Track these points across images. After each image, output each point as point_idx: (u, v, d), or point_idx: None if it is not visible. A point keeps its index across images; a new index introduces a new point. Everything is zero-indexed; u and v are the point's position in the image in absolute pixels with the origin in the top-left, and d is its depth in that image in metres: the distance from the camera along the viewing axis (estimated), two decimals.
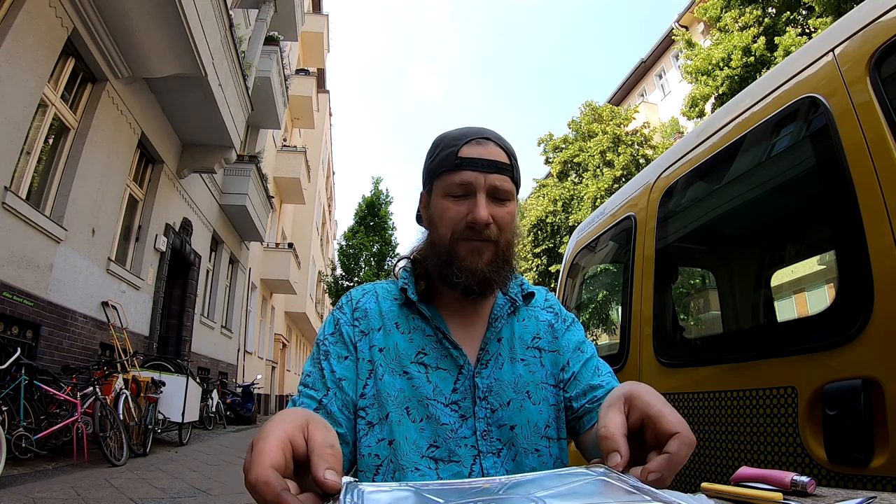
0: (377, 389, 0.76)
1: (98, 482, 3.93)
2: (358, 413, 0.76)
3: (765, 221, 1.94)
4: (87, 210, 5.74)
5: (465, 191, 0.77)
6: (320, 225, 24.19)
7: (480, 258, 0.77)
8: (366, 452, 0.74)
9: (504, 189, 0.78)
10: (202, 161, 8.24)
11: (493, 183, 0.76)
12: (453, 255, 0.77)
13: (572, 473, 0.47)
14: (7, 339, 4.48)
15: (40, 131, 5.07)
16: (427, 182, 0.84)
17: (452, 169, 0.77)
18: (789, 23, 10.21)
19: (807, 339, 1.24)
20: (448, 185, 0.78)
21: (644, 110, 18.51)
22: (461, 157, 0.77)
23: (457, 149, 0.78)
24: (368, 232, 17.90)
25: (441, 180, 0.79)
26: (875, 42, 1.13)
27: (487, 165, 0.77)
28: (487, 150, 0.78)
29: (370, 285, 0.89)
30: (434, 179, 0.81)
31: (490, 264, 0.77)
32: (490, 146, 0.79)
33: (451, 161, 0.77)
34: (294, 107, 15.63)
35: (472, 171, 0.76)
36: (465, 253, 0.77)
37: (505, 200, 0.78)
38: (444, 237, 0.78)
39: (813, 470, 1.09)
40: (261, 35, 9.54)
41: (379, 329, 0.81)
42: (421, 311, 0.81)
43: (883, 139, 1.07)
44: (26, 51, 4.47)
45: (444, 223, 0.78)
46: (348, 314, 0.83)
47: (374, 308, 0.83)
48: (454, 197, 0.78)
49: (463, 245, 0.77)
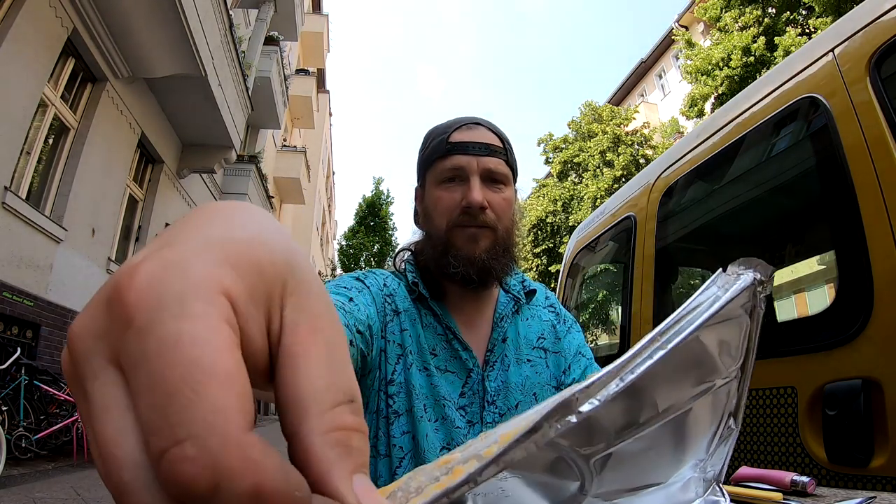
0: (405, 378, 0.72)
1: (98, 482, 3.92)
2: (387, 393, 0.71)
3: (765, 221, 1.94)
4: (87, 210, 5.74)
5: (457, 175, 0.75)
6: (320, 225, 24.18)
7: (477, 245, 0.74)
8: (395, 444, 0.71)
9: (499, 172, 0.76)
10: (202, 161, 8.23)
11: (486, 166, 0.75)
12: (449, 245, 0.74)
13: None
14: (7, 339, 4.47)
15: (40, 131, 5.06)
16: (420, 175, 0.83)
17: (443, 155, 0.76)
18: (789, 23, 10.21)
19: (807, 339, 1.24)
20: (440, 172, 0.76)
21: (644, 110, 18.50)
22: (451, 143, 0.76)
23: (447, 135, 0.77)
24: (369, 232, 17.90)
25: (433, 169, 0.78)
26: (875, 42, 1.13)
27: (479, 148, 0.75)
28: (479, 134, 0.77)
29: (382, 271, 0.84)
30: (426, 170, 0.80)
31: (488, 251, 0.74)
32: (481, 130, 0.77)
33: (443, 147, 0.76)
34: (294, 107, 15.62)
35: (463, 154, 0.75)
36: (462, 241, 0.74)
37: (500, 184, 0.76)
38: (439, 227, 0.76)
39: (813, 470, 1.09)
40: (261, 35, 9.53)
41: (406, 311, 0.77)
42: (432, 308, 0.78)
43: (883, 139, 1.07)
44: (26, 51, 4.47)
45: (439, 212, 0.76)
46: (380, 282, 0.78)
47: (402, 293, 0.79)
48: (447, 183, 0.76)
49: (459, 233, 0.74)
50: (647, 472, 0.33)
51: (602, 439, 0.30)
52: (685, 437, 0.32)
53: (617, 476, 0.31)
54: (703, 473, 0.33)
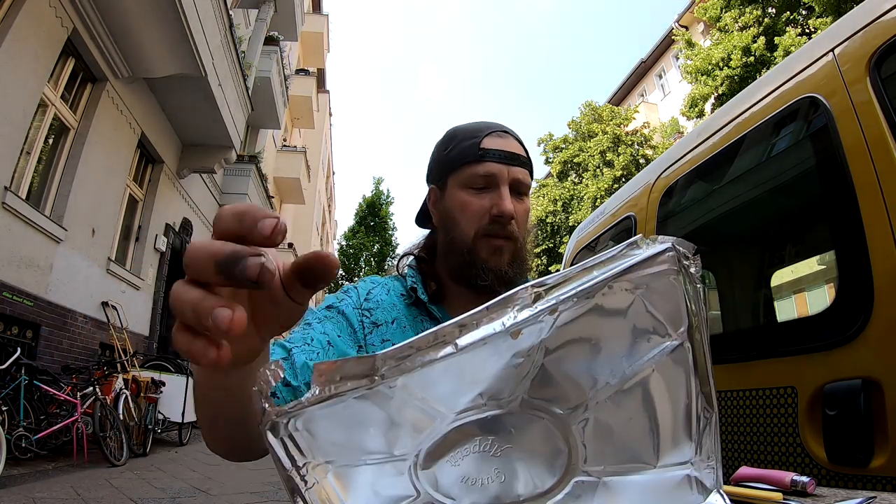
0: None
1: (98, 482, 3.92)
2: None
3: (765, 221, 1.94)
4: (87, 210, 5.74)
5: (487, 182, 0.74)
6: (320, 225, 24.17)
7: (502, 258, 0.74)
8: None
9: (525, 183, 0.76)
10: (202, 161, 8.24)
11: (515, 176, 0.75)
12: (475, 256, 0.73)
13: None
14: (7, 339, 4.48)
15: (40, 131, 5.07)
16: (441, 176, 0.80)
17: (476, 160, 0.75)
18: (789, 23, 10.21)
19: (807, 339, 1.24)
20: (470, 177, 0.75)
21: (644, 110, 18.50)
22: (484, 148, 0.75)
23: (479, 140, 0.76)
24: (369, 232, 17.93)
25: (461, 172, 0.76)
26: (875, 42, 1.13)
27: (511, 158, 0.75)
28: (509, 143, 0.77)
29: (377, 278, 0.84)
30: (451, 172, 0.78)
31: (511, 264, 0.74)
32: (510, 140, 0.78)
33: (475, 152, 0.75)
34: (294, 107, 15.62)
35: (496, 162, 0.74)
36: (487, 254, 0.73)
37: (523, 195, 0.77)
38: (466, 234, 0.74)
39: (813, 470, 1.09)
40: (261, 35, 9.54)
41: (392, 322, 0.75)
42: (431, 313, 0.77)
43: (883, 139, 1.07)
44: (26, 51, 4.47)
45: (467, 217, 0.75)
46: (355, 299, 0.77)
47: (387, 300, 0.78)
48: (475, 189, 0.75)
49: (484, 245, 0.74)
50: (632, 448, 0.34)
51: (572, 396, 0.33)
52: (655, 407, 0.34)
53: (605, 448, 0.34)
54: (700, 472, 0.34)
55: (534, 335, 0.31)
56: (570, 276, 0.31)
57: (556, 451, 0.33)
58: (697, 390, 0.34)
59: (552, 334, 0.31)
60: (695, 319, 0.34)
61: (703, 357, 0.34)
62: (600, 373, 0.33)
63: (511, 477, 0.32)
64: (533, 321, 0.31)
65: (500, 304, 0.31)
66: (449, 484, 0.32)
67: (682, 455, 0.34)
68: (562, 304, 0.31)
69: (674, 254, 0.33)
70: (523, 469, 0.33)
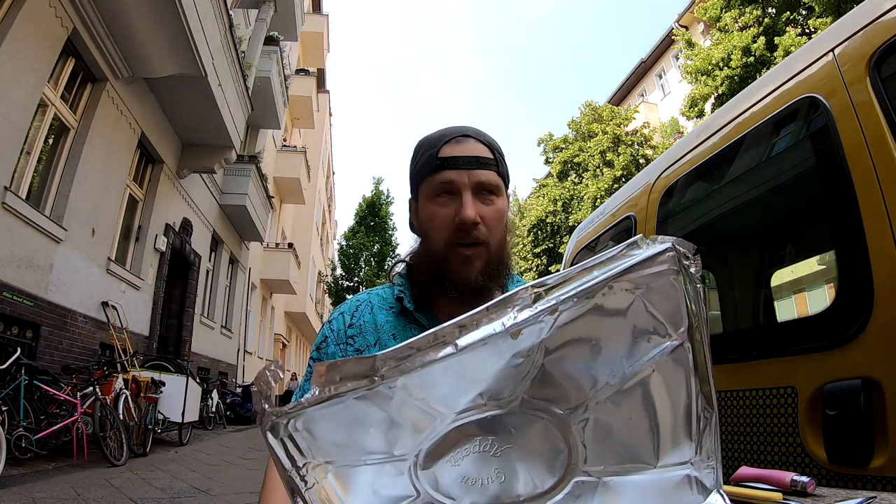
0: None
1: (98, 482, 3.92)
2: None
3: (765, 221, 1.94)
4: (87, 210, 5.74)
5: (448, 190, 0.75)
6: (320, 225, 24.18)
7: (472, 267, 0.74)
8: None
9: (490, 183, 0.76)
10: (202, 161, 8.24)
11: (477, 179, 0.75)
12: (446, 266, 0.75)
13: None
14: (7, 339, 4.47)
15: (40, 131, 5.06)
16: (413, 188, 0.83)
17: (434, 170, 0.76)
18: (789, 23, 10.21)
19: (807, 339, 1.24)
20: (432, 188, 0.77)
21: (644, 110, 18.50)
22: (441, 157, 0.76)
23: (437, 150, 0.77)
24: (369, 232, 17.90)
25: (425, 184, 0.78)
26: (875, 42, 1.13)
27: (469, 162, 0.75)
28: (468, 148, 0.77)
29: (364, 294, 0.86)
30: (419, 185, 0.80)
31: (483, 272, 0.75)
32: (470, 143, 0.78)
33: (433, 163, 0.76)
34: (294, 107, 15.62)
35: (453, 169, 0.75)
36: (457, 265, 0.74)
37: (492, 195, 0.77)
38: (437, 245, 0.76)
39: (813, 470, 1.09)
40: (261, 35, 9.53)
41: (375, 344, 0.78)
42: (418, 321, 0.78)
43: (883, 139, 1.07)
44: (26, 51, 4.46)
45: (434, 228, 0.76)
46: (339, 331, 0.81)
47: (370, 320, 0.80)
48: (439, 199, 0.76)
49: (455, 254, 0.74)
50: (632, 448, 0.35)
51: (572, 396, 0.33)
52: (655, 407, 0.35)
53: (605, 448, 0.34)
54: (700, 472, 0.34)
55: (534, 335, 0.31)
56: (571, 277, 0.31)
57: (556, 451, 0.33)
58: (697, 390, 0.34)
59: (552, 334, 0.31)
60: (695, 319, 0.34)
61: (704, 357, 0.34)
62: (600, 373, 0.33)
63: (511, 477, 0.32)
64: (533, 321, 0.31)
65: (500, 305, 0.31)
66: (449, 484, 0.32)
67: (682, 455, 0.34)
68: (562, 305, 0.31)
69: (674, 254, 0.33)
70: (523, 469, 0.33)
